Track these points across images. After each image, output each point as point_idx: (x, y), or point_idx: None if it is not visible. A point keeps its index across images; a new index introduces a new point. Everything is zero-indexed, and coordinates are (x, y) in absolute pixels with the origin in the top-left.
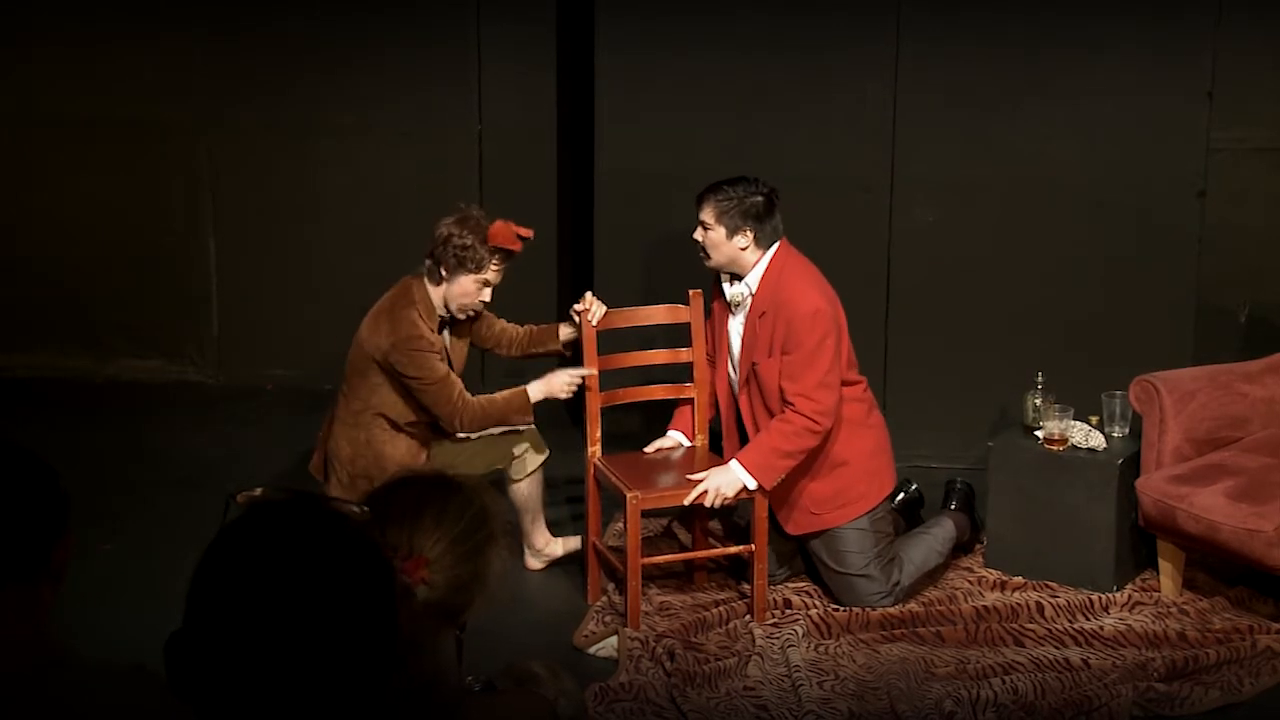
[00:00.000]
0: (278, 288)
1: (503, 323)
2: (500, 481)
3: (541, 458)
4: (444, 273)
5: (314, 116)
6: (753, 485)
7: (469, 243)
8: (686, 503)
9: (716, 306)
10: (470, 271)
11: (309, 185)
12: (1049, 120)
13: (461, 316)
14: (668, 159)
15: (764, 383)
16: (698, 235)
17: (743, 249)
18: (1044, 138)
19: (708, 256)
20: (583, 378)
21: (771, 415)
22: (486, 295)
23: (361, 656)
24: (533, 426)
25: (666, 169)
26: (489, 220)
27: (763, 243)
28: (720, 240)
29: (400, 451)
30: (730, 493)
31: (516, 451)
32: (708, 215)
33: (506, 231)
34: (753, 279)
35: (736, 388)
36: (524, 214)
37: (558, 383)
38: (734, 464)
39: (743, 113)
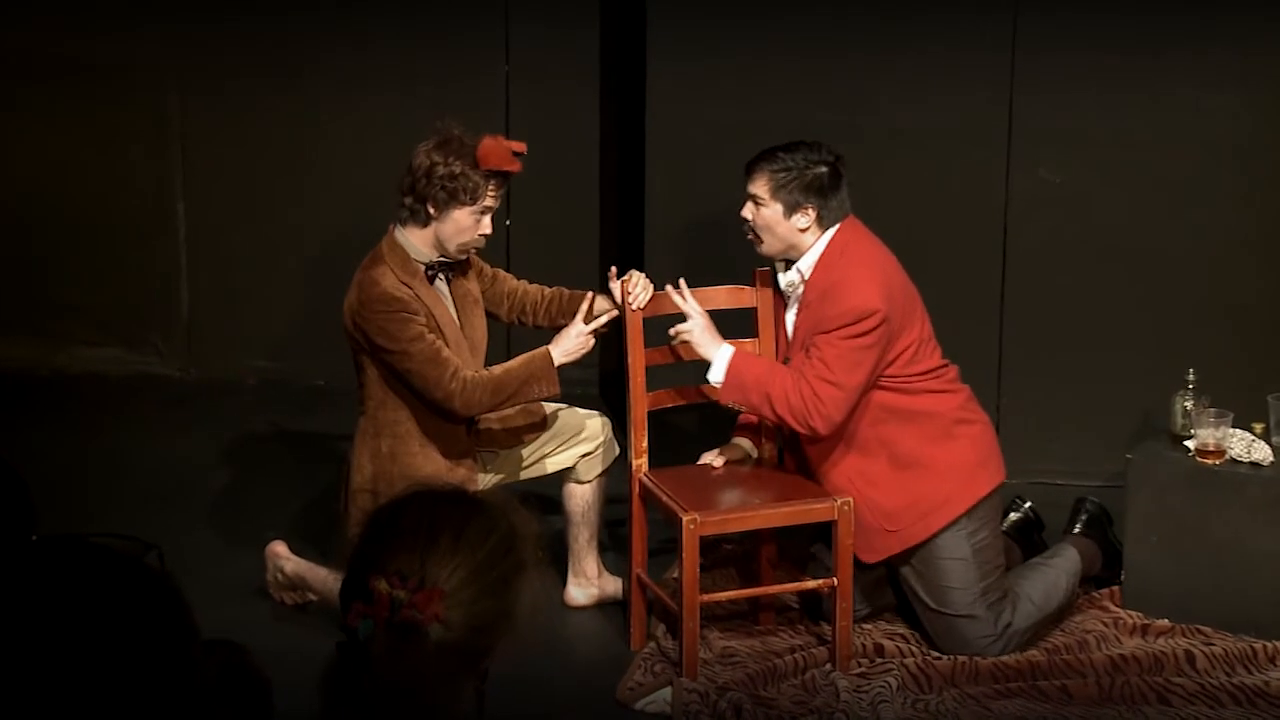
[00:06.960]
0: (260, 263)
1: (520, 282)
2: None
3: (614, 454)
4: (431, 210)
5: (306, 59)
6: (713, 380)
7: (458, 170)
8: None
9: (776, 298)
10: (464, 204)
11: (299, 142)
12: (1207, 68)
13: (462, 256)
14: (731, 112)
15: None
16: (746, 212)
17: (802, 230)
18: (1200, 86)
19: (759, 240)
20: (601, 327)
21: None
22: (487, 226)
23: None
24: (602, 417)
25: (730, 125)
26: (473, 138)
27: (826, 221)
28: (775, 219)
29: (434, 467)
30: (699, 351)
31: (589, 448)
32: (760, 188)
33: (499, 149)
34: (806, 264)
35: None
36: (561, 182)
37: (571, 342)
38: (726, 348)
39: (819, 56)
